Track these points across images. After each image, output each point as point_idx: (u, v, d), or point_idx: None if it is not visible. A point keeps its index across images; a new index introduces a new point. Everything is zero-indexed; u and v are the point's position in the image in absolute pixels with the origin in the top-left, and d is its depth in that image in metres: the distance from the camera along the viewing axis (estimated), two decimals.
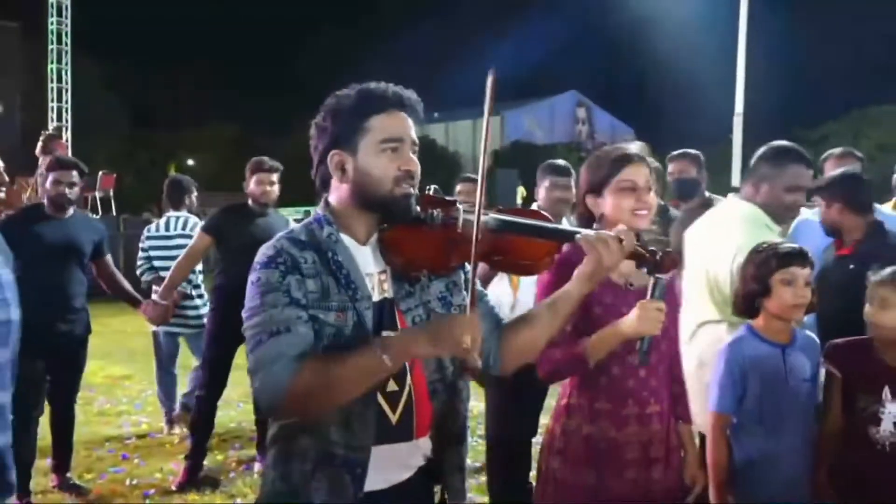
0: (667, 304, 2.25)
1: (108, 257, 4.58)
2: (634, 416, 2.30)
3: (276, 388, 1.60)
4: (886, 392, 2.50)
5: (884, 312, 2.47)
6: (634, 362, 2.18)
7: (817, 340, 2.67)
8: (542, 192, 4.04)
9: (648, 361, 2.16)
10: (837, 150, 4.52)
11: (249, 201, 4.76)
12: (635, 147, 2.35)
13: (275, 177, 4.73)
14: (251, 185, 4.73)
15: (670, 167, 4.74)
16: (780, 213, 2.95)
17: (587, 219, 2.36)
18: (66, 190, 4.24)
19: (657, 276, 2.00)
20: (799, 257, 2.49)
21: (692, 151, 4.79)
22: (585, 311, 2.06)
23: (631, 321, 2.08)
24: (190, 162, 41.93)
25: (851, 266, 3.05)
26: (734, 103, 16.94)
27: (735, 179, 14.38)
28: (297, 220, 3.22)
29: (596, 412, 2.31)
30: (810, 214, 4.09)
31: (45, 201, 4.32)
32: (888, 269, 2.51)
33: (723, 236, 2.92)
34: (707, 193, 4.59)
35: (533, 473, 3.56)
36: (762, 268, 2.49)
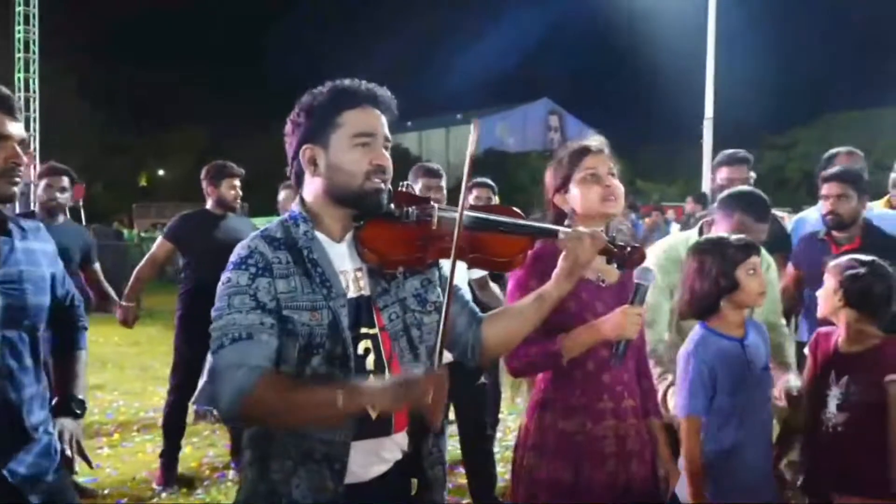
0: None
1: (97, 265, 4.81)
2: (610, 410, 2.31)
3: (234, 396, 1.61)
4: (832, 375, 2.60)
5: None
6: (612, 362, 2.21)
7: (763, 325, 2.70)
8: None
9: (621, 363, 2.21)
10: (844, 149, 4.56)
11: (209, 206, 4.86)
12: (593, 139, 2.39)
13: (66, 181, 4.63)
14: (222, 189, 4.79)
15: (725, 172, 4.36)
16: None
17: (558, 219, 2.37)
18: (58, 195, 4.47)
19: (638, 281, 2.08)
20: (754, 247, 2.52)
21: (747, 154, 4.50)
22: (560, 307, 2.08)
23: (612, 325, 2.13)
24: (161, 172, 41.62)
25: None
26: (704, 109, 17.13)
27: (705, 183, 14.52)
28: None
29: (572, 407, 2.32)
30: (812, 211, 4.25)
31: (37, 208, 4.55)
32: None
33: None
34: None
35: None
36: (726, 263, 2.48)
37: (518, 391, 5.62)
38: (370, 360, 1.75)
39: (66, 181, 4.50)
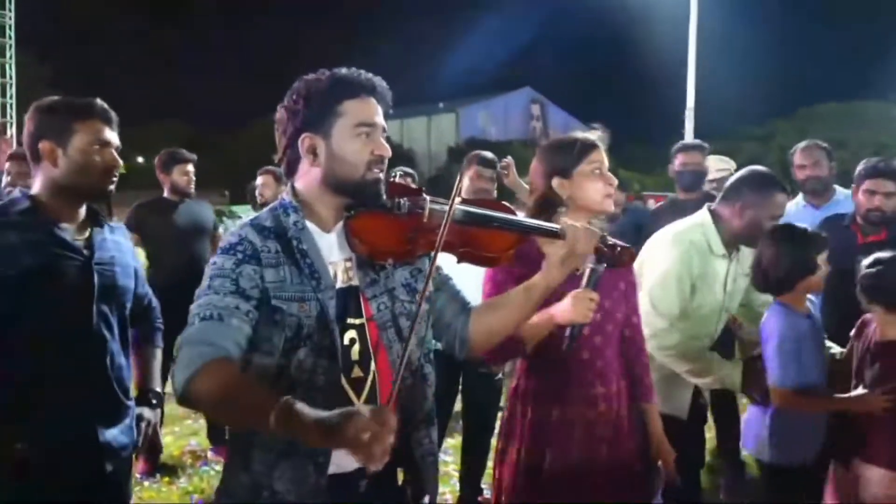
0: (626, 287, 2.32)
1: None
2: (579, 397, 2.33)
3: (188, 368, 1.56)
4: (868, 359, 2.77)
5: None
6: (564, 348, 2.18)
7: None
8: (466, 181, 4.07)
9: (572, 349, 2.18)
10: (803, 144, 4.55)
11: (165, 194, 4.90)
12: (597, 134, 2.40)
13: (192, 166, 4.85)
14: (175, 176, 4.84)
15: (681, 158, 4.61)
16: (754, 238, 2.96)
17: (549, 203, 2.35)
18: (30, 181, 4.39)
19: (592, 266, 2.04)
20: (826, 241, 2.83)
21: (703, 143, 4.73)
22: None
23: (563, 309, 2.11)
24: (140, 160, 41.18)
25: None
26: (685, 99, 17.23)
27: None
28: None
29: (541, 394, 2.35)
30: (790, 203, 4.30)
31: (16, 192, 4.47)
32: None
33: (660, 258, 3.01)
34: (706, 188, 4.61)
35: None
36: (810, 251, 2.75)
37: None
38: (355, 350, 1.75)
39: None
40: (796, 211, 4.27)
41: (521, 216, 2.02)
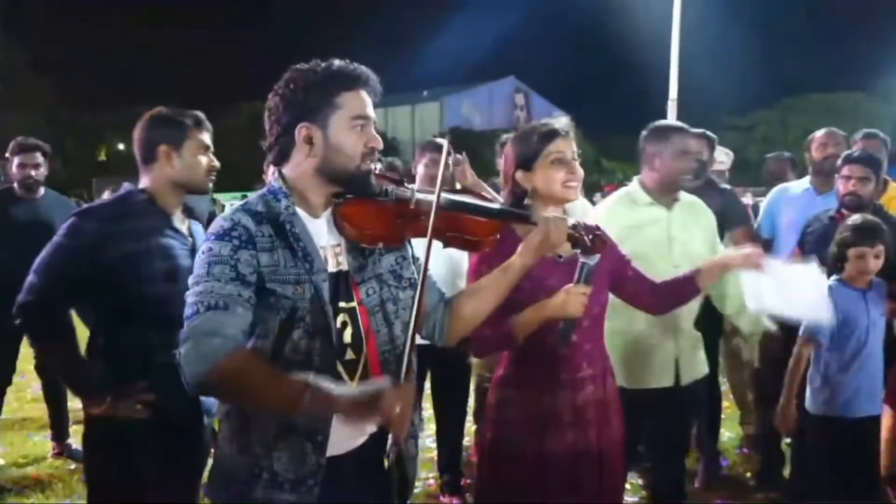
0: (610, 262, 2.39)
1: None
2: (567, 381, 2.36)
3: (206, 362, 1.58)
4: None
5: None
6: (558, 341, 2.21)
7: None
8: (421, 168, 4.15)
9: (569, 341, 2.21)
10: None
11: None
12: (561, 122, 2.40)
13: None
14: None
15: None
16: (675, 183, 3.17)
17: (517, 195, 2.39)
18: (32, 171, 4.46)
19: (583, 261, 2.11)
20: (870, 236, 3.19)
21: (709, 133, 4.69)
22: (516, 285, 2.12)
23: (555, 304, 2.15)
24: (121, 146, 40.79)
25: None
26: (669, 89, 17.29)
27: None
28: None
29: (528, 380, 2.38)
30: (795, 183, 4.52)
31: (15, 184, 4.51)
32: None
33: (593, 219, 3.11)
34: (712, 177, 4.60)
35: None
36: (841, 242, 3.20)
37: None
38: (348, 333, 1.79)
39: (38, 156, 4.48)
40: (799, 195, 4.39)
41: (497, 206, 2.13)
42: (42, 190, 4.53)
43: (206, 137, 2.63)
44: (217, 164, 2.65)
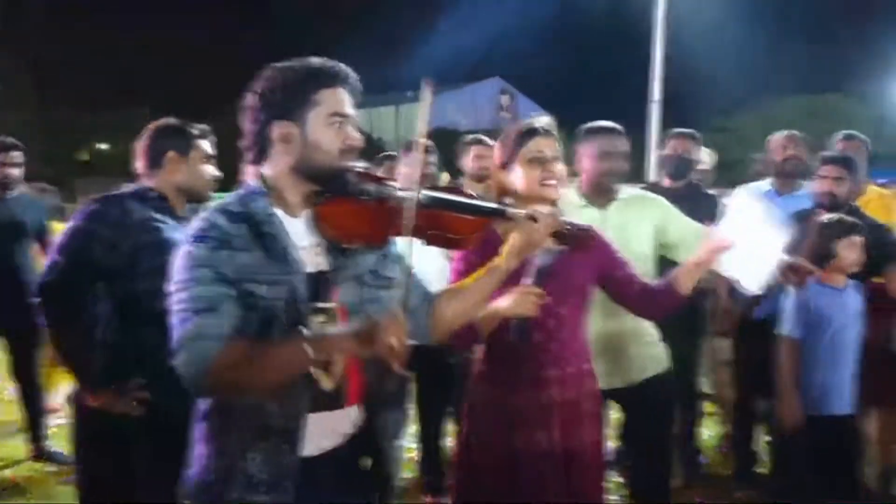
0: (594, 259, 2.40)
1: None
2: (529, 381, 2.37)
3: (201, 365, 1.61)
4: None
5: None
6: (513, 338, 2.24)
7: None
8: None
9: (526, 339, 2.23)
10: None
11: None
12: (542, 120, 2.41)
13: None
14: None
15: (673, 144, 4.58)
16: (601, 184, 3.14)
17: (502, 195, 2.39)
18: (11, 171, 4.47)
19: (535, 260, 2.12)
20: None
21: (695, 133, 4.72)
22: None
23: (507, 303, 2.17)
24: (104, 146, 40.42)
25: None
26: (652, 91, 17.31)
27: (651, 165, 14.74)
28: None
29: (495, 377, 2.40)
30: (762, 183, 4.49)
31: None
32: None
33: None
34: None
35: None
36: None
37: None
38: None
39: (16, 156, 4.49)
40: (757, 194, 4.34)
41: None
42: (17, 190, 4.52)
43: (210, 148, 2.77)
44: (218, 173, 2.78)
